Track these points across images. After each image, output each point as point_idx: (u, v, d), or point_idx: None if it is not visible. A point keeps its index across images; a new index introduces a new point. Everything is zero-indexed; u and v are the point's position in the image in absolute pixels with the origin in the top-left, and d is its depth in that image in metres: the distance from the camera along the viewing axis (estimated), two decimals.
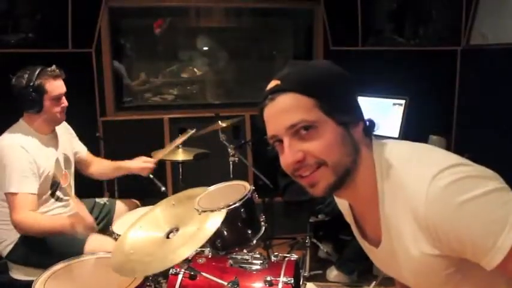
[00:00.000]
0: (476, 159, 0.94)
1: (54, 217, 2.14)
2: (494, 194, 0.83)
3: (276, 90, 0.94)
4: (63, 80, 2.17)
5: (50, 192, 2.16)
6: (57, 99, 2.13)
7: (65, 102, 2.18)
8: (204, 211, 1.62)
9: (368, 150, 0.98)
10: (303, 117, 0.91)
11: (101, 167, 2.53)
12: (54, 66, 2.13)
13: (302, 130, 0.91)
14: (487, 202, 0.83)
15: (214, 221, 1.57)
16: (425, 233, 0.88)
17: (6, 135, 2.08)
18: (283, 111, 0.92)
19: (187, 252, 1.46)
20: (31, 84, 2.04)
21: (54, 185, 2.17)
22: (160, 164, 3.27)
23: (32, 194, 2.00)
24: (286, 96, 0.92)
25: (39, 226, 1.98)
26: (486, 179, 0.85)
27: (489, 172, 0.89)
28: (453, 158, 0.92)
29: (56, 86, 2.12)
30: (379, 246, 1.01)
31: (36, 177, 2.03)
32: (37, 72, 2.06)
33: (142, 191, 2.22)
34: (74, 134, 2.43)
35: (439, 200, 0.84)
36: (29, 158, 2.02)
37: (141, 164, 2.45)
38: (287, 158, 0.93)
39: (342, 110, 0.93)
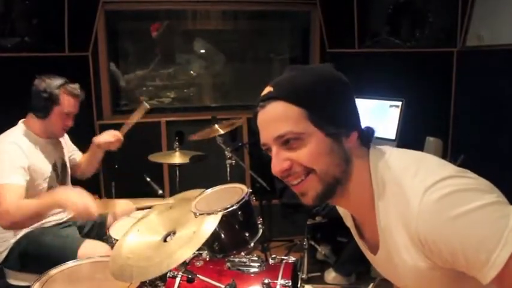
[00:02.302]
0: (472, 160, 0.93)
1: (39, 197, 1.94)
2: (489, 209, 0.81)
3: (268, 98, 0.94)
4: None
5: None
6: (66, 115, 2.14)
7: (70, 123, 2.18)
8: (201, 214, 1.61)
9: (363, 160, 0.96)
10: (290, 128, 0.91)
11: (83, 159, 2.51)
12: (77, 85, 2.16)
13: (290, 140, 0.92)
14: (480, 217, 0.80)
15: (211, 223, 1.57)
16: (418, 246, 0.87)
17: (1, 137, 2.07)
18: (272, 120, 0.93)
19: (184, 255, 1.45)
20: (48, 90, 2.06)
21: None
22: (157, 166, 3.28)
23: (18, 185, 1.91)
24: (277, 105, 0.92)
25: (22, 212, 1.81)
26: (481, 192, 0.83)
27: (485, 184, 0.86)
28: (449, 169, 0.89)
29: (71, 104, 2.14)
30: (377, 254, 1.01)
31: (26, 172, 1.98)
32: (59, 83, 2.09)
33: (139, 194, 2.21)
34: (68, 138, 2.43)
35: (431, 213, 0.83)
36: (21, 154, 2.00)
37: (108, 139, 2.38)
38: (275, 166, 0.95)
39: (332, 121, 0.92)
